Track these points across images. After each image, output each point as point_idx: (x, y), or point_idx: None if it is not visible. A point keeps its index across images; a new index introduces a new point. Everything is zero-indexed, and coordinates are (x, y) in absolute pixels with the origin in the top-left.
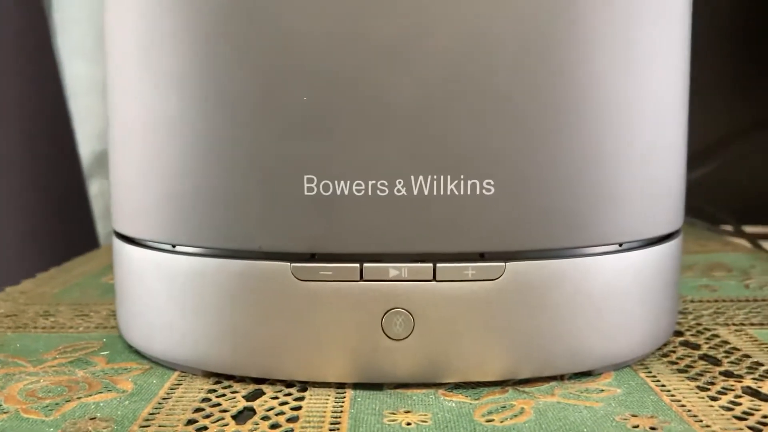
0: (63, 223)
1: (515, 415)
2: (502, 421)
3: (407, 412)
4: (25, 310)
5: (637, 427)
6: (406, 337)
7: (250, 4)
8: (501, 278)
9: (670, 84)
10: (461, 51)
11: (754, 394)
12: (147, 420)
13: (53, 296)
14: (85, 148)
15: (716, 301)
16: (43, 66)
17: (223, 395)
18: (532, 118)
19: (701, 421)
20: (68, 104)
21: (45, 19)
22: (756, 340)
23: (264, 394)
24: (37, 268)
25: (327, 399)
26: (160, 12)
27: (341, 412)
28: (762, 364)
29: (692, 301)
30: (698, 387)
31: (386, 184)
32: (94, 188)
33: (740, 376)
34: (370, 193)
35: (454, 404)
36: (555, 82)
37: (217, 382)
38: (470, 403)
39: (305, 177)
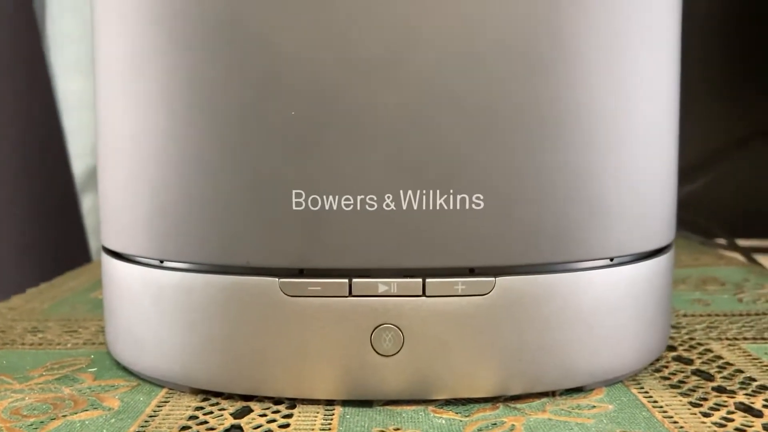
0: (55, 237)
1: None
2: None
3: (397, 429)
4: (13, 326)
5: None
6: (396, 353)
7: (236, 21)
8: (491, 293)
9: (661, 99)
10: (449, 66)
11: (747, 410)
12: None
13: (42, 312)
14: (78, 162)
15: (709, 315)
16: (36, 81)
17: (211, 413)
18: (521, 132)
19: None
20: (61, 119)
21: (39, 34)
22: (749, 355)
23: (252, 411)
24: (29, 282)
25: (316, 416)
26: (149, 28)
27: (329, 429)
28: (755, 380)
29: (685, 315)
30: (690, 403)
31: (375, 198)
32: (86, 203)
33: (733, 392)
34: (358, 208)
35: (444, 421)
36: (544, 97)
37: (204, 399)
38: (460, 420)
39: (293, 192)
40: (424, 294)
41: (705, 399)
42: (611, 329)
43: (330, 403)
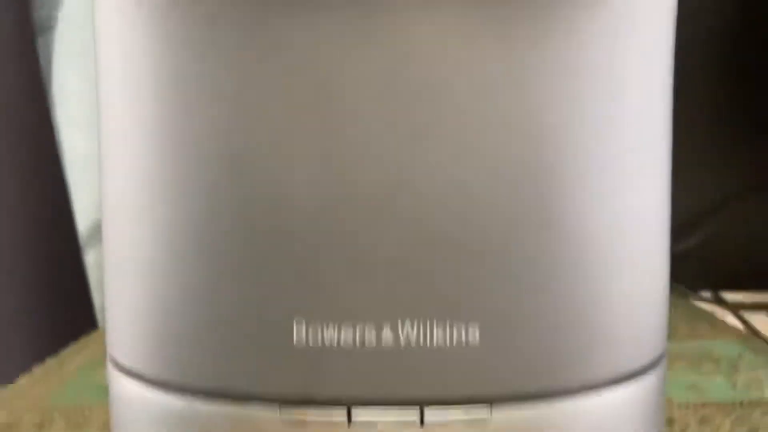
0: (60, 293)
1: None
2: None
3: None
4: (20, 419)
5: None
6: None
7: (237, 156)
8: (488, 423)
9: (652, 215)
10: (446, 199)
11: None
12: None
13: (49, 398)
14: (82, 217)
15: (703, 405)
16: (41, 137)
17: None
18: (520, 264)
19: None
20: (66, 174)
21: (44, 90)
22: None
23: None
24: (33, 339)
25: None
26: (149, 151)
27: None
28: None
29: (679, 407)
30: None
31: (374, 330)
32: (90, 258)
33: None
34: (357, 340)
35: None
36: (543, 231)
37: None
38: None
39: (294, 323)
40: (422, 424)
41: None
42: None
43: None
